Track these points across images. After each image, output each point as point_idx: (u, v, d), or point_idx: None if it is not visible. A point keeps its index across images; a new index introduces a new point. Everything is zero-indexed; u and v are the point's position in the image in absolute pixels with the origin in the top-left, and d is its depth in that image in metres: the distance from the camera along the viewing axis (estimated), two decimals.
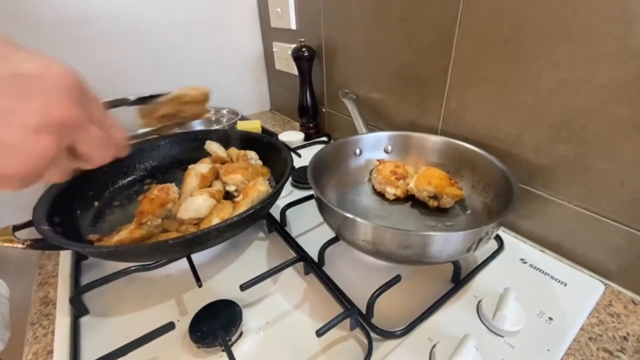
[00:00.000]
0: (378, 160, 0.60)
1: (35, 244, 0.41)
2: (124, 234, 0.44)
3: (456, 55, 0.53)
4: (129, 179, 0.61)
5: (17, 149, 0.20)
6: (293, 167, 0.55)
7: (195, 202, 0.49)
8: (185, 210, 0.49)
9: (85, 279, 0.46)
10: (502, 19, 0.46)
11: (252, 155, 0.64)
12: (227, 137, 0.69)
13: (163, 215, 0.50)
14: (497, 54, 0.48)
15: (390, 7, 0.61)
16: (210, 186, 0.58)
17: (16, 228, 0.43)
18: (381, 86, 0.71)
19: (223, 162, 0.65)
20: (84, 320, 0.41)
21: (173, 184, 0.55)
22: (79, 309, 0.41)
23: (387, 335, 0.37)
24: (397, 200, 0.55)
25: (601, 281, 0.44)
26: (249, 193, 0.50)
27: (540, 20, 0.42)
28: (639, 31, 0.35)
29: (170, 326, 0.36)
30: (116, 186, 0.59)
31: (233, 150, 0.66)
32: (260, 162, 0.64)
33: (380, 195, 0.57)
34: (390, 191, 0.54)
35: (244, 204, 0.49)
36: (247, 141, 0.67)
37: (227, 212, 0.49)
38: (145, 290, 0.45)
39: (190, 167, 0.59)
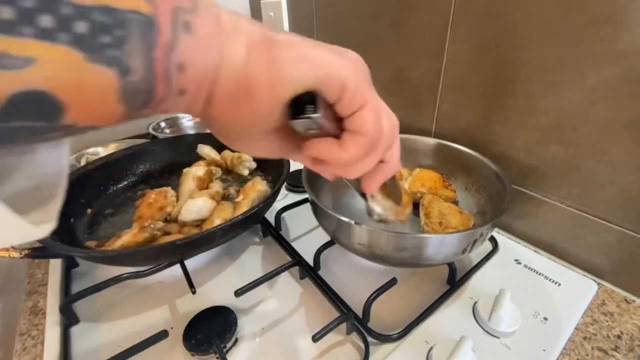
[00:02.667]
0: None
1: (33, 253, 0.39)
2: (126, 239, 0.44)
3: (448, 59, 0.54)
4: (121, 185, 0.61)
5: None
6: (290, 164, 0.55)
7: (196, 204, 0.49)
8: (187, 212, 0.49)
9: (75, 287, 0.45)
10: (493, 23, 0.46)
11: (246, 157, 0.63)
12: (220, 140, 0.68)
13: (162, 219, 0.50)
14: (488, 57, 0.48)
15: (382, 11, 0.62)
16: (207, 188, 0.57)
17: None
18: (375, 89, 0.71)
19: (218, 165, 0.65)
20: (75, 330, 0.40)
21: (169, 187, 0.55)
22: (69, 318, 0.40)
23: (384, 338, 0.37)
24: None
25: (594, 280, 0.45)
26: (249, 193, 0.50)
27: (530, 24, 0.43)
28: (626, 34, 0.36)
29: (163, 334, 0.35)
30: (108, 192, 0.59)
31: (227, 153, 0.66)
32: (254, 164, 0.64)
33: None
34: None
35: (245, 204, 0.49)
36: None
37: (228, 212, 0.49)
38: (138, 298, 0.44)
39: (185, 170, 0.59)
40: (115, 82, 0.13)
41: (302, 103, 0.19)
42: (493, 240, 0.51)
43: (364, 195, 0.30)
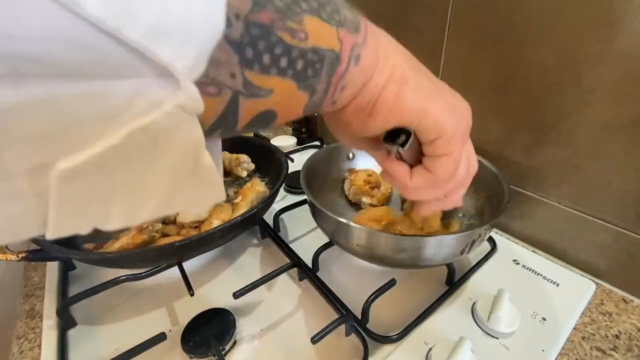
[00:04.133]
0: (349, 170, 0.59)
1: (30, 256, 0.39)
2: (125, 240, 0.44)
3: (446, 60, 0.54)
4: None
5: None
6: (291, 160, 0.55)
7: None
8: (185, 213, 0.49)
9: (73, 290, 0.45)
10: (490, 23, 0.46)
11: (245, 158, 0.63)
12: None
13: (160, 221, 0.50)
14: (485, 58, 0.48)
15: (379, 13, 0.62)
16: None
17: None
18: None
19: None
20: (72, 333, 0.40)
21: None
22: (66, 321, 0.40)
23: (383, 340, 0.37)
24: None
25: (592, 280, 0.45)
26: (247, 194, 0.50)
27: (526, 25, 0.43)
28: (622, 35, 0.36)
29: (161, 337, 0.35)
30: None
31: (225, 155, 0.65)
32: (252, 166, 0.64)
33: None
34: (366, 201, 0.53)
35: (243, 205, 0.49)
36: (238, 145, 0.67)
37: (226, 213, 0.49)
38: (136, 301, 0.44)
39: None
40: (306, 101, 0.17)
41: (398, 129, 0.22)
42: (491, 240, 0.51)
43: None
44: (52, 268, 0.49)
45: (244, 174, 0.63)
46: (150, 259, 0.42)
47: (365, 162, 0.61)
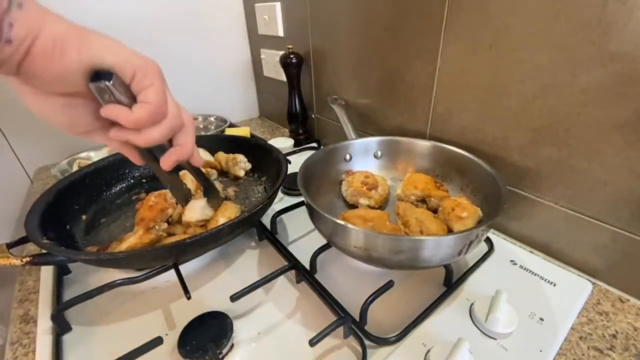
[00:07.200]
0: (346, 172, 0.59)
1: (35, 260, 0.38)
2: (133, 240, 0.44)
3: (442, 61, 0.54)
4: (115, 189, 0.60)
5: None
6: (288, 162, 0.55)
7: (199, 204, 0.49)
8: (192, 212, 0.49)
9: (67, 295, 0.45)
10: (486, 25, 0.47)
11: (241, 158, 0.63)
12: (213, 143, 0.68)
13: (163, 221, 0.50)
14: (481, 60, 0.49)
15: (376, 14, 0.62)
16: None
17: (9, 246, 0.40)
18: (369, 92, 0.71)
19: (213, 167, 0.65)
20: (67, 338, 0.39)
21: (167, 190, 0.55)
22: (61, 326, 0.40)
23: (381, 342, 0.37)
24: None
25: (589, 280, 0.45)
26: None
27: (522, 27, 0.43)
28: (616, 37, 0.36)
29: (158, 341, 0.35)
30: (102, 197, 0.58)
31: (221, 155, 0.65)
32: (249, 165, 0.64)
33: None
34: (364, 202, 0.53)
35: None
36: (235, 145, 0.67)
37: (232, 211, 0.50)
38: (131, 305, 0.43)
39: (182, 172, 0.59)
40: None
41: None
42: (488, 241, 0.51)
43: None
44: (47, 272, 0.49)
45: (241, 173, 0.63)
46: (160, 257, 0.42)
47: (362, 164, 0.61)
